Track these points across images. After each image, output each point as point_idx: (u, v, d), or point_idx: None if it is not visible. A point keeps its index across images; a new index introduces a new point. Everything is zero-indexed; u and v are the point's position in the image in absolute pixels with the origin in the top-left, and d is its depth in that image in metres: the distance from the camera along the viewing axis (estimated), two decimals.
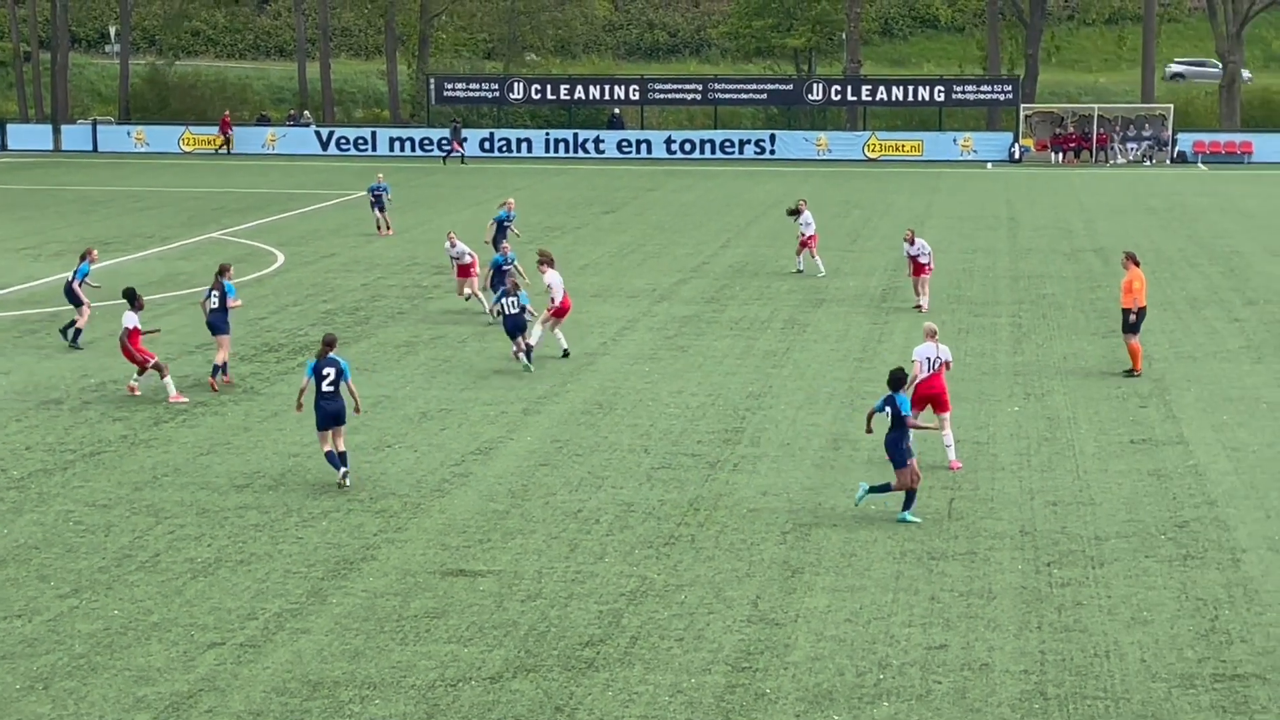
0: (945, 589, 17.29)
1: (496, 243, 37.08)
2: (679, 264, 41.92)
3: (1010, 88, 77.37)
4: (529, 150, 77.73)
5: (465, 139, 75.41)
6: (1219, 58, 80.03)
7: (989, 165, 73.16)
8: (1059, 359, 29.44)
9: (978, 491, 20.95)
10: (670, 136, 77.89)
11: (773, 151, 76.29)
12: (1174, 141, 74.53)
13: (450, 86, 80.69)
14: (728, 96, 79.48)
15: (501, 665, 15.24)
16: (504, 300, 28.58)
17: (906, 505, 19.71)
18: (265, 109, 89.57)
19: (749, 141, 76.97)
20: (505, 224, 38.63)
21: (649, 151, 77.11)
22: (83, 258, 31.72)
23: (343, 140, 79.56)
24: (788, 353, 30.18)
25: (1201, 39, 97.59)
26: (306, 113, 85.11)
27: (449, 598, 17.06)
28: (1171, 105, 77.01)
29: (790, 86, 79.79)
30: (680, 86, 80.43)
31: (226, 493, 21.02)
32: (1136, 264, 28.23)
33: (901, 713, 14.20)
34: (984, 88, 78.52)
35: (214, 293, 27.38)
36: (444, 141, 75.86)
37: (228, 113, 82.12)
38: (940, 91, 77.64)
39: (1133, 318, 27.80)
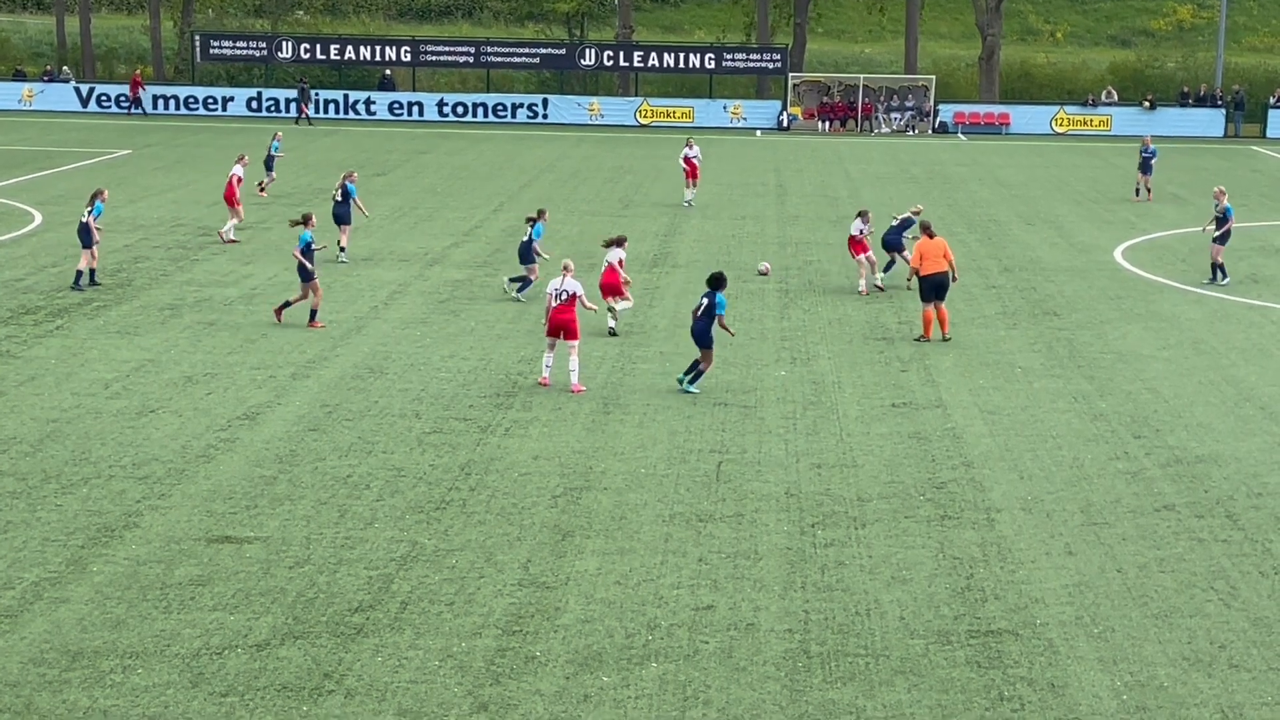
0: (713, 550, 17.57)
1: None
2: (451, 228, 41.73)
3: (779, 57, 78.41)
4: (298, 110, 76.36)
5: (311, 99, 74.20)
6: (978, 31, 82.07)
7: (758, 133, 74.11)
8: (824, 324, 30.04)
9: (745, 455, 21.30)
10: (442, 99, 77.22)
11: (545, 116, 76.21)
12: (936, 112, 76.29)
13: (216, 44, 78.88)
14: (500, 60, 79.11)
15: (269, 632, 15.08)
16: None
17: (695, 379, 24.30)
18: (22, 63, 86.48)
19: (522, 105, 76.74)
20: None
21: (421, 114, 76.42)
22: (95, 197, 32.73)
23: (104, 97, 77.23)
24: None
25: (963, 12, 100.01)
26: (66, 68, 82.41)
27: (214, 565, 16.81)
28: (934, 77, 78.76)
29: (563, 51, 79.75)
30: (452, 49, 79.76)
31: None
32: (928, 234, 28.84)
33: (669, 673, 14.42)
34: (753, 56, 79.45)
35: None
36: (292, 103, 74.57)
37: (139, 71, 78.96)
38: (711, 59, 78.35)
39: (908, 285, 28.75)
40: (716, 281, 24.26)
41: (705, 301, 24.08)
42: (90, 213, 32.24)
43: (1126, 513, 19.19)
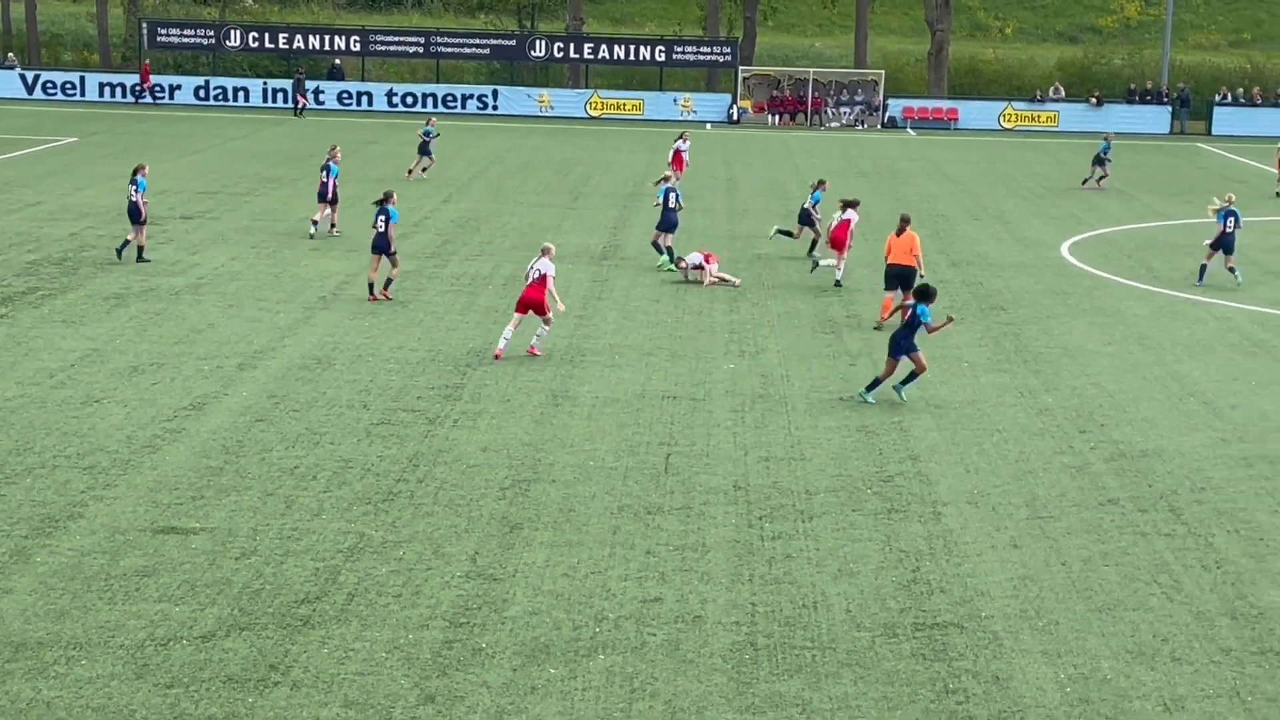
0: (661, 543, 17.60)
1: None
2: (400, 218, 41.47)
3: (729, 50, 78.53)
4: (246, 99, 75.96)
5: (307, 90, 73.63)
6: (927, 26, 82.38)
7: (708, 126, 74.17)
8: (773, 318, 30.11)
9: (694, 447, 21.33)
10: (392, 89, 77.00)
11: (495, 107, 76.07)
12: (885, 107, 76.58)
13: (164, 32, 78.31)
14: (450, 50, 78.90)
15: (214, 624, 15.01)
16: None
17: (908, 382, 23.91)
18: None
19: (471, 96, 76.61)
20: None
21: (370, 104, 76.13)
22: (136, 172, 33.70)
23: (49, 84, 76.57)
24: (508, 309, 30.16)
25: (912, 7, 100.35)
26: (11, 55, 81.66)
27: (160, 555, 16.72)
28: (883, 71, 79.08)
29: (513, 42, 79.61)
30: (402, 39, 79.49)
31: None
32: (899, 229, 29.10)
33: (617, 665, 14.44)
34: (704, 49, 79.56)
35: (380, 218, 29.94)
36: (290, 93, 74.22)
37: (148, 62, 77.74)
38: (661, 51, 78.38)
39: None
40: (923, 294, 23.75)
41: (910, 312, 23.66)
42: (136, 190, 33.01)
43: (1071, 506, 19.33)
